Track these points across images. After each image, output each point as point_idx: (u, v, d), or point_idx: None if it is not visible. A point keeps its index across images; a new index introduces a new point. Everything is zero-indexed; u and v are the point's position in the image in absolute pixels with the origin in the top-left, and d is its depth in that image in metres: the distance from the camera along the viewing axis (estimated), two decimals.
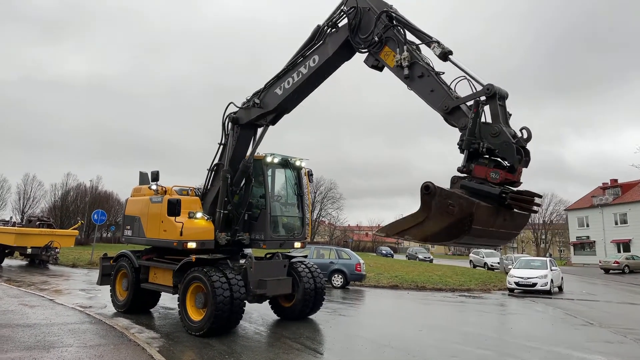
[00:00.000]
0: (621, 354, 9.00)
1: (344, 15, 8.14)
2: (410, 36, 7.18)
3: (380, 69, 7.62)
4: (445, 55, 6.52)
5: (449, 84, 6.51)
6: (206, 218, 10.03)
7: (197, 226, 9.82)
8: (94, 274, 21.57)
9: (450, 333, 10.38)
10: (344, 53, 8.40)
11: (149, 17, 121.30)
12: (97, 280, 12.17)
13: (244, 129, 10.28)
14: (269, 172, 10.55)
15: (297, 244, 10.69)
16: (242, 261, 10.14)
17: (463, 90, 6.37)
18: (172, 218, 9.56)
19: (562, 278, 22.87)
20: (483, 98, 5.86)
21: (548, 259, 23.95)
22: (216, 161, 10.54)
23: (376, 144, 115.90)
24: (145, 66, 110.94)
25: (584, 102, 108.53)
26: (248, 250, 10.80)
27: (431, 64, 6.83)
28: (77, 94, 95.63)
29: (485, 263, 39.30)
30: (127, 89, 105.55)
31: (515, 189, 5.70)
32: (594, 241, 57.54)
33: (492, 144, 5.66)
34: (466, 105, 6.18)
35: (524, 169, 5.75)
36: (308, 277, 10.56)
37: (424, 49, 7.09)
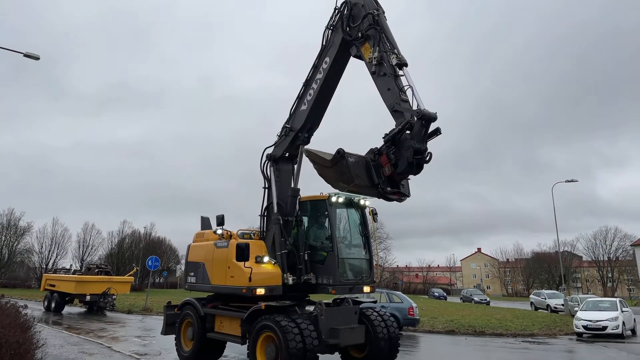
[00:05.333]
0: None
1: (339, 13, 9.64)
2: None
3: (361, 59, 8.87)
4: (400, 65, 8.00)
5: (401, 87, 7.91)
6: (273, 262, 9.58)
7: (265, 271, 9.39)
8: (148, 320, 21.99)
9: None
10: (346, 47, 9.40)
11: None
12: (161, 330, 11.73)
13: (282, 163, 10.63)
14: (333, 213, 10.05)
15: (366, 288, 10.00)
16: (309, 308, 9.64)
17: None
18: (241, 263, 9.17)
19: (634, 320, 21.13)
20: (414, 119, 7.36)
21: (618, 299, 22.24)
22: (265, 204, 10.54)
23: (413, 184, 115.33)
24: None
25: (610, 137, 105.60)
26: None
27: (396, 69, 8.05)
28: (125, 158, 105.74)
29: (547, 305, 36.89)
30: (163, 151, 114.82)
31: (398, 181, 7.85)
32: None
33: (399, 152, 7.43)
34: (409, 105, 7.76)
35: (411, 175, 7.78)
36: (381, 325, 9.87)
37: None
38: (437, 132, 7.47)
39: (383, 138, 7.71)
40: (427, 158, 7.38)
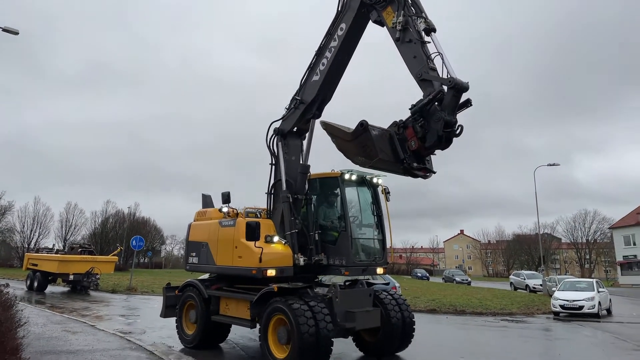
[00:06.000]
0: None
1: None
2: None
3: (382, 24, 8.30)
4: (428, 31, 7.50)
5: (429, 55, 7.41)
6: (283, 242, 9.07)
7: (275, 251, 8.86)
8: (132, 299, 22.00)
9: None
10: (365, 12, 8.73)
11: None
12: (160, 312, 11.25)
13: (291, 138, 10.03)
14: (345, 191, 9.51)
15: (379, 270, 9.58)
16: (319, 290, 9.15)
17: (438, 63, 7.41)
18: (251, 243, 8.68)
19: (610, 300, 21.82)
20: (445, 87, 6.91)
21: (594, 280, 22.90)
22: (272, 182, 10.00)
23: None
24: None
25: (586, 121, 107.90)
26: (324, 278, 10.17)
27: (422, 34, 7.54)
28: (106, 138, 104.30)
29: (526, 285, 37.82)
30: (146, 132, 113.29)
31: (424, 157, 7.52)
32: None
33: (428, 124, 6.99)
34: (438, 73, 7.26)
35: (437, 150, 7.34)
36: (395, 309, 9.50)
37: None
38: (467, 103, 7.03)
39: (410, 109, 7.22)
40: (458, 131, 6.94)
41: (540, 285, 34.81)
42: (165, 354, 9.23)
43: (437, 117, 6.85)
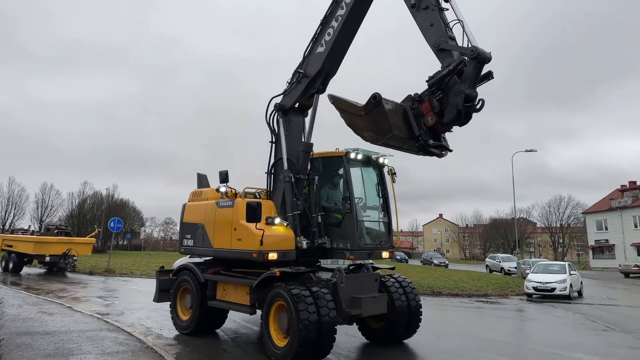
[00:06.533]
0: None
1: None
2: None
3: None
4: None
5: (447, 23, 6.97)
6: (285, 224, 8.62)
7: (277, 234, 8.39)
8: (111, 281, 21.83)
9: (469, 340, 10.24)
10: None
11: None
12: (153, 297, 10.68)
13: (293, 114, 9.48)
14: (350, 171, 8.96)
15: (385, 254, 9.09)
16: (322, 274, 8.84)
17: (456, 32, 6.99)
18: (251, 225, 8.20)
19: (581, 282, 22.47)
20: (466, 58, 6.46)
21: (567, 263, 23.56)
22: (273, 161, 9.47)
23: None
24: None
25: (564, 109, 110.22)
26: (326, 263, 9.81)
27: (440, 1, 7.10)
28: (82, 118, 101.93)
29: (501, 268, 38.72)
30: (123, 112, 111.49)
31: (441, 133, 7.09)
32: (613, 244, 56.47)
33: (447, 98, 6.56)
34: (456, 42, 6.81)
35: (455, 126, 6.90)
36: (399, 293, 9.15)
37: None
38: (489, 75, 6.59)
39: (427, 81, 6.75)
40: (478, 106, 6.51)
41: (515, 267, 35.65)
42: (144, 335, 9.23)
43: (456, 90, 6.43)
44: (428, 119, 6.78)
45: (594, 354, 9.12)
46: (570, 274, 21.03)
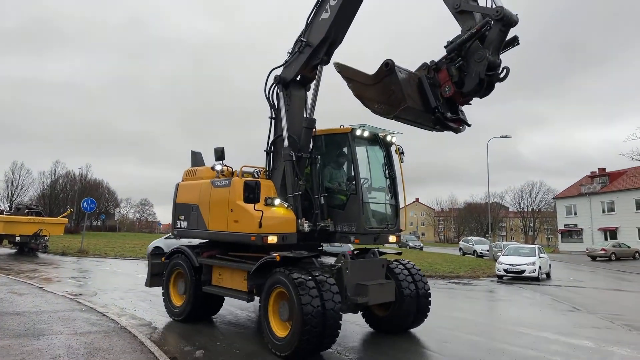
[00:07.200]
0: (608, 339, 9.15)
1: None
2: None
3: None
4: None
5: None
6: (286, 205, 8.05)
7: (277, 215, 7.82)
8: (83, 262, 21.51)
9: (441, 319, 10.48)
10: None
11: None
12: (145, 281, 10.16)
13: (294, 87, 8.78)
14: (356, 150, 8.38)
15: (392, 238, 8.59)
16: (325, 259, 8.42)
17: None
18: (249, 206, 7.58)
19: (549, 265, 23.18)
20: (490, 20, 5.90)
21: (537, 246, 24.25)
22: (272, 138, 8.85)
23: None
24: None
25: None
26: (328, 247, 9.33)
27: None
28: (52, 96, 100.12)
29: (474, 250, 39.69)
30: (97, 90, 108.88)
31: (459, 106, 6.55)
32: (582, 229, 58.31)
33: (468, 65, 6.01)
34: (477, 2, 6.23)
35: (475, 98, 6.31)
36: (408, 280, 8.65)
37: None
38: (514, 41, 6.07)
39: (445, 47, 6.23)
40: (502, 74, 6.01)
41: (487, 250, 36.61)
42: (117, 315, 9.15)
43: (479, 56, 5.86)
44: (446, 89, 6.24)
45: (559, 333, 9.45)
46: (540, 257, 21.68)
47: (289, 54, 8.82)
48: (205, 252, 9.05)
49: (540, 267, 20.88)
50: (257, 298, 7.90)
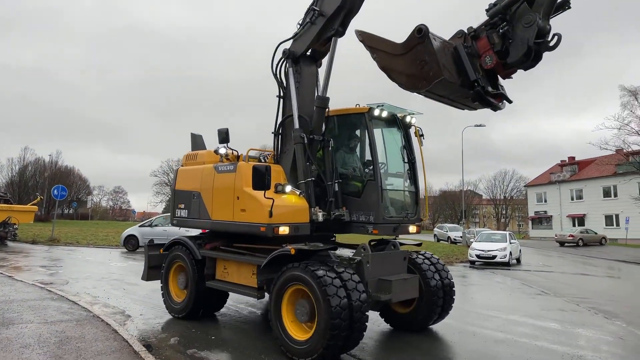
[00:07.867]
0: (574, 321, 9.49)
1: None
2: None
3: None
4: None
5: None
6: (297, 192, 7.29)
7: (288, 204, 7.07)
8: (54, 250, 21.06)
9: None
10: None
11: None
12: (142, 275, 9.39)
13: (305, 63, 7.92)
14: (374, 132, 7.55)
15: (412, 228, 7.90)
16: (339, 251, 7.78)
17: None
18: (259, 193, 6.83)
19: (520, 251, 23.81)
20: None
21: (508, 232, 24.85)
22: (280, 119, 8.04)
23: None
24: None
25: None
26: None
27: None
28: (19, 82, 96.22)
29: (448, 237, 40.42)
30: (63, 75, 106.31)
31: (500, 80, 5.81)
32: (551, 216, 60.02)
33: (513, 31, 5.32)
34: None
35: (520, 70, 5.62)
36: (432, 271, 7.92)
37: None
38: (565, 4, 5.35)
39: (486, 11, 5.55)
40: (553, 43, 5.28)
41: (461, 237, 37.35)
42: (90, 304, 9.02)
43: (528, 20, 5.15)
44: (487, 60, 5.48)
45: (528, 316, 9.76)
46: (510, 243, 22.22)
47: (299, 26, 7.86)
48: (207, 244, 8.29)
49: (511, 252, 21.43)
50: (266, 295, 7.26)
